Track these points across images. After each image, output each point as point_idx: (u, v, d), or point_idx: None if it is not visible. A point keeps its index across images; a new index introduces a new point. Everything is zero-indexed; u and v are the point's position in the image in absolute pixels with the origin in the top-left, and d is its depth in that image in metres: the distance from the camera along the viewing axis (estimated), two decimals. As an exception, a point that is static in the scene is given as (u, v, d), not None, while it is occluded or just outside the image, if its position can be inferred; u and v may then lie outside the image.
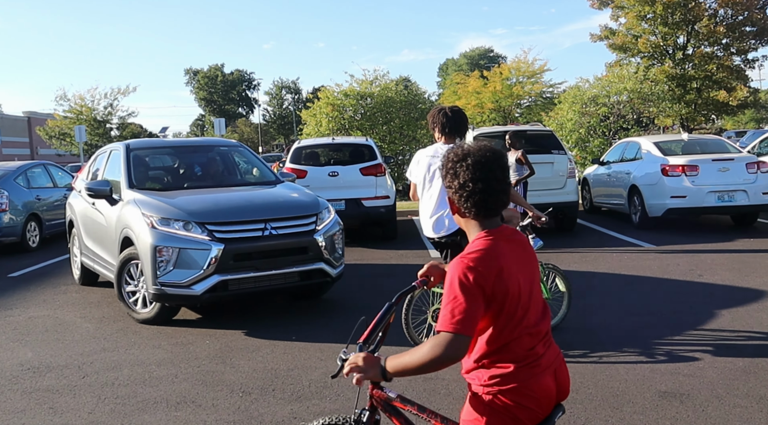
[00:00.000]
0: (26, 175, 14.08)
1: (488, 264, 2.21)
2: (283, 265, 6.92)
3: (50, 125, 40.10)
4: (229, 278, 6.67)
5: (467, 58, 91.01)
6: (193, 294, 6.65)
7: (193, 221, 6.73)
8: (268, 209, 7.17)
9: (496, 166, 2.31)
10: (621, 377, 5.11)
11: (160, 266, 6.65)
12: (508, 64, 32.23)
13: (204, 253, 6.59)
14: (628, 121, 21.54)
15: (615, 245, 11.10)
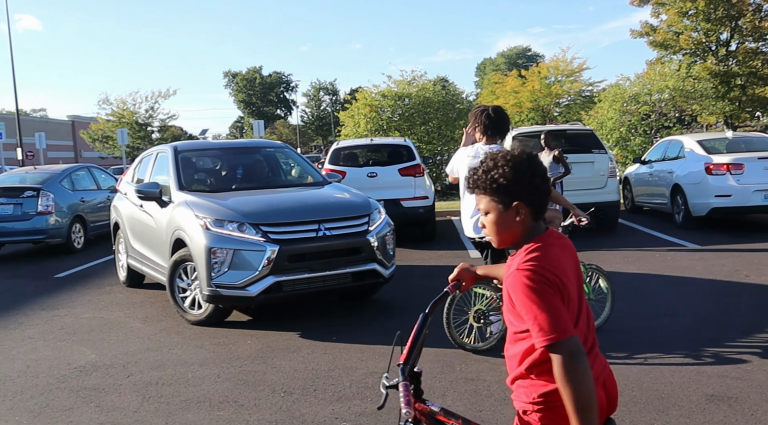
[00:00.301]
0: (71, 178, 14.36)
1: (552, 266, 2.10)
2: (337, 266, 6.92)
3: (93, 129, 40.91)
4: (284, 279, 6.67)
5: (505, 57, 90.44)
6: (248, 295, 6.67)
7: (247, 223, 6.74)
8: (321, 210, 7.17)
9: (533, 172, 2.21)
10: (666, 380, 5.02)
11: (214, 267, 6.66)
12: (546, 63, 31.94)
13: (259, 254, 6.60)
14: (670, 119, 21.17)
15: (658, 245, 10.92)
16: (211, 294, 6.76)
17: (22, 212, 13.01)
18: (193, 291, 7.19)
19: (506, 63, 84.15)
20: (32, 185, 13.39)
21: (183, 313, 7.32)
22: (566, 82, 29.86)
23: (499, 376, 5.22)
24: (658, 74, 22.25)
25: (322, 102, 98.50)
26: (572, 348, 1.99)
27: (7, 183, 14.03)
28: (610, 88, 23.23)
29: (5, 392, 5.43)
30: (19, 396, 5.32)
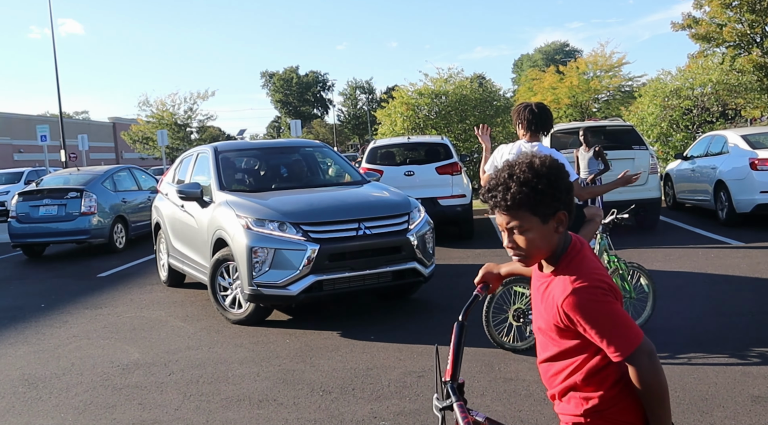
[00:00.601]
0: (113, 179, 14.62)
1: (599, 273, 2.02)
2: (377, 265, 6.91)
3: (134, 130, 41.62)
4: (324, 278, 6.68)
5: (542, 53, 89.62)
6: (289, 295, 6.70)
7: (287, 222, 6.78)
8: (361, 209, 7.17)
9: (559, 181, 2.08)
10: (710, 380, 4.92)
11: (255, 266, 6.70)
12: (584, 58, 31.58)
13: (299, 253, 6.63)
14: (712, 114, 20.75)
15: (700, 243, 10.71)
16: (253, 293, 6.80)
17: (66, 213, 13.29)
18: (234, 290, 7.25)
19: (543, 59, 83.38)
20: (76, 186, 13.66)
21: (224, 312, 7.38)
22: (605, 77, 29.48)
23: (538, 376, 5.16)
24: (701, 68, 21.82)
25: (359, 101, 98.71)
26: (649, 348, 1.98)
27: (51, 185, 14.34)
28: (651, 83, 22.87)
29: (51, 389, 5.55)
30: (65, 393, 5.43)
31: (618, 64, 29.19)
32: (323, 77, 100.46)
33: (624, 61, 29.36)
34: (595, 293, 1.95)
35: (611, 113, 26.91)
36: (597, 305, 1.94)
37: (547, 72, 32.85)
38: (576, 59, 33.27)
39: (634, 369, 1.96)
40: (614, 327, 1.95)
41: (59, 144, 37.57)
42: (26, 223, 13.37)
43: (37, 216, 13.37)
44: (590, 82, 28.82)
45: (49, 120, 56.83)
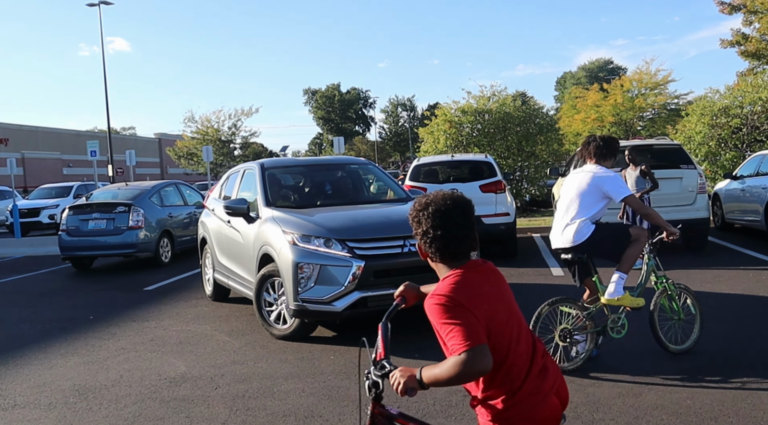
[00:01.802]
0: (160, 194, 14.88)
1: (463, 291, 2.40)
2: (422, 282, 6.88)
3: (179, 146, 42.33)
4: (369, 294, 6.70)
5: (585, 70, 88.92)
6: (334, 310, 6.72)
7: (333, 238, 6.82)
8: (405, 226, 7.12)
9: (457, 213, 2.49)
10: (765, 406, 4.80)
11: (301, 282, 6.75)
12: (629, 76, 31.26)
13: (345, 269, 6.66)
14: (763, 132, 20.30)
15: (751, 265, 10.47)
16: (298, 309, 6.84)
17: (114, 227, 13.55)
18: (280, 306, 7.30)
19: (587, 76, 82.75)
20: (124, 201, 13.94)
21: (269, 327, 7.43)
22: (650, 95, 29.16)
23: (586, 398, 5.10)
24: (750, 85, 21.39)
25: (400, 118, 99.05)
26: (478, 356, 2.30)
27: (101, 199, 14.66)
28: (698, 101, 22.49)
29: (101, 400, 5.64)
30: (114, 404, 5.51)
31: (663, 81, 28.87)
32: (365, 94, 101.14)
33: (670, 78, 29.08)
34: (444, 301, 2.40)
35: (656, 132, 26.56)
36: (442, 310, 2.40)
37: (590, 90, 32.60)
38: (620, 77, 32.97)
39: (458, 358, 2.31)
40: (450, 330, 2.37)
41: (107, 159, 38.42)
42: (76, 236, 13.67)
43: (86, 230, 13.66)
44: (635, 99, 28.52)
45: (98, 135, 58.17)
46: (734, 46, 27.13)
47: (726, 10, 27.00)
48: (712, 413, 4.71)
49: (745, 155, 18.85)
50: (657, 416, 4.70)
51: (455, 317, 2.36)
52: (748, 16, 26.46)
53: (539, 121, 22.34)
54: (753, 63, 26.82)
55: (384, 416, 2.66)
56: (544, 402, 2.45)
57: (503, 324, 2.44)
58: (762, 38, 26.09)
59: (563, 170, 15.67)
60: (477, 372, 2.32)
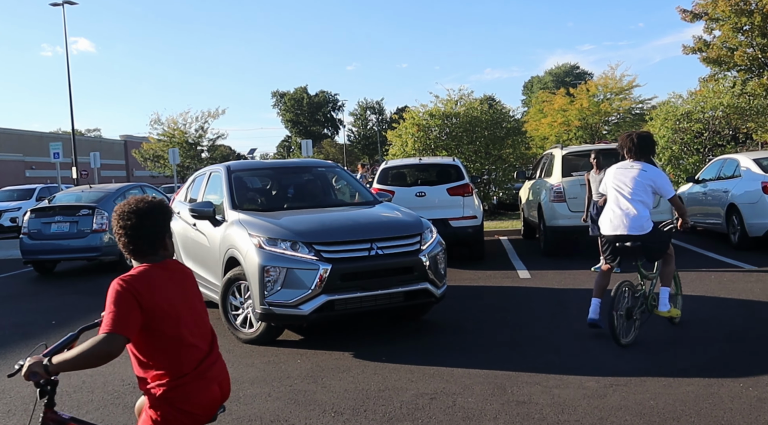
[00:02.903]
0: (125, 196, 14.66)
1: (139, 282, 2.73)
2: (389, 285, 6.89)
3: (145, 148, 41.82)
4: (336, 298, 6.66)
5: (552, 75, 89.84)
6: (301, 314, 6.68)
7: (300, 241, 6.78)
8: (373, 229, 7.16)
9: (151, 216, 2.85)
10: (725, 406, 4.87)
11: (267, 286, 6.70)
12: (594, 81, 31.61)
13: (311, 273, 6.62)
14: (723, 137, 20.69)
15: (713, 267, 10.65)
16: (264, 312, 6.79)
17: (78, 230, 13.35)
18: (246, 310, 7.25)
19: (554, 81, 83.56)
20: (88, 204, 13.74)
21: (235, 331, 7.37)
22: (615, 99, 29.47)
23: (552, 399, 5.14)
24: (712, 91, 21.80)
25: (369, 121, 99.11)
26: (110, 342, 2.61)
27: (63, 202, 14.43)
28: (662, 106, 22.86)
29: (62, 406, 5.53)
30: (76, 411, 5.42)
31: (628, 86, 29.20)
32: (333, 97, 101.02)
33: (634, 83, 29.36)
34: (119, 285, 2.71)
35: (622, 136, 26.87)
36: (113, 292, 2.70)
37: (557, 94, 32.90)
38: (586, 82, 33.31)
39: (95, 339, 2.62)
40: (109, 311, 2.67)
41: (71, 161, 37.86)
42: (38, 239, 13.44)
43: (48, 233, 13.44)
44: (600, 104, 28.82)
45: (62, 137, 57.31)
46: (696, 53, 27.64)
47: (688, 18, 27.50)
48: (675, 413, 4.77)
49: (706, 159, 19.20)
50: (621, 417, 4.75)
51: (117, 303, 2.67)
52: (710, 23, 26.99)
53: (506, 125, 22.50)
54: (714, 69, 27.34)
55: (55, 421, 2.89)
56: (206, 389, 2.84)
57: (177, 318, 2.81)
58: (722, 45, 26.62)
59: (530, 174, 15.81)
60: (104, 354, 2.60)
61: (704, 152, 20.48)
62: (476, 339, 7.14)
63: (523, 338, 7.06)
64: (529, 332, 7.30)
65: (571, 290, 9.40)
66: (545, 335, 7.14)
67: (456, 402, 5.18)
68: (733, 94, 21.27)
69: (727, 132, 20.79)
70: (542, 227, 12.87)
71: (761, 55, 26.32)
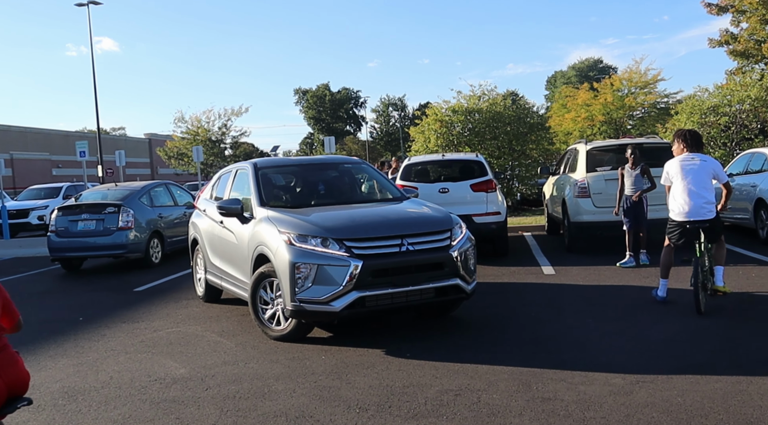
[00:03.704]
0: (150, 194, 14.82)
1: None
2: (420, 281, 6.84)
3: (169, 146, 42.14)
4: (367, 294, 6.62)
5: (576, 70, 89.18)
6: (332, 311, 6.63)
7: (330, 238, 6.74)
8: (403, 225, 7.11)
9: None
10: (755, 402, 4.81)
11: (298, 282, 6.67)
12: (618, 75, 31.35)
13: (343, 269, 6.58)
14: (751, 130, 20.41)
15: (741, 262, 10.52)
16: (295, 309, 6.77)
17: (104, 228, 13.50)
18: (275, 307, 7.25)
19: (577, 76, 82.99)
20: (113, 202, 13.88)
21: (264, 328, 7.38)
22: (640, 94, 29.25)
23: (577, 396, 5.10)
24: (739, 84, 21.50)
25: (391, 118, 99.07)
26: None
27: (90, 200, 14.60)
28: (687, 100, 22.59)
29: (90, 402, 5.61)
30: (104, 406, 5.48)
31: (653, 80, 28.96)
32: (356, 94, 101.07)
33: (659, 77, 29.16)
34: None
35: (646, 130, 26.63)
36: None
37: (581, 89, 32.69)
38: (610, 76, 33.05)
39: None
40: None
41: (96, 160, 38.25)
42: (65, 237, 13.61)
43: (75, 231, 13.60)
44: (625, 98, 28.60)
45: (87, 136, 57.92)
46: (723, 46, 27.26)
47: (714, 11, 27.13)
48: (703, 410, 4.72)
49: (734, 154, 18.95)
50: (648, 414, 4.70)
51: None
52: (737, 16, 26.60)
53: (530, 120, 22.37)
54: (741, 62, 26.96)
55: None
56: None
57: None
58: (750, 38, 26.23)
59: (553, 169, 15.71)
60: None
61: (731, 145, 20.23)
62: (500, 335, 7.11)
63: (547, 334, 7.02)
64: (554, 328, 7.26)
65: (596, 286, 9.33)
66: (570, 331, 7.09)
67: (481, 399, 5.16)
68: (761, 87, 20.95)
69: (755, 125, 20.49)
70: (566, 222, 12.79)
71: (789, 47, 25.88)
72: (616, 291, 8.97)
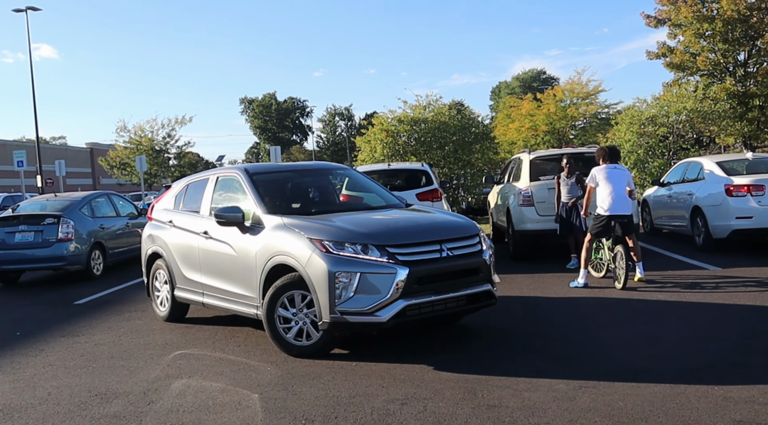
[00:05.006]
0: (91, 205, 14.49)
1: None
2: (458, 288, 6.64)
3: (111, 156, 41.39)
4: (413, 302, 6.32)
5: (520, 80, 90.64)
6: (378, 321, 6.28)
7: (370, 244, 6.40)
8: (439, 230, 6.88)
9: None
10: (692, 405, 4.94)
11: (338, 293, 6.28)
12: (561, 86, 31.97)
13: (388, 277, 6.25)
14: (687, 141, 21.08)
15: (678, 268, 10.81)
16: (335, 321, 6.33)
17: (43, 240, 13.15)
18: (301, 321, 6.76)
19: (521, 86, 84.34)
20: (53, 213, 13.53)
21: (285, 344, 6.84)
22: (582, 104, 29.86)
23: (522, 402, 5.17)
24: (675, 96, 22.19)
25: (338, 127, 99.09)
26: None
27: (28, 211, 14.20)
28: (627, 111, 23.19)
29: (27, 419, 5.44)
30: (41, 423, 5.32)
31: (594, 91, 29.61)
32: (302, 103, 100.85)
33: (600, 88, 29.83)
34: None
35: (588, 140, 27.21)
36: None
37: (524, 99, 33.22)
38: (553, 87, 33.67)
39: None
40: None
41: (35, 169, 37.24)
42: (1, 250, 13.20)
43: (13, 243, 13.20)
44: (567, 109, 29.16)
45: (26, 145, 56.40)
46: (660, 58, 28.07)
47: (652, 24, 27.92)
48: (643, 413, 4.82)
49: (671, 163, 19.51)
50: (591, 418, 4.79)
51: None
52: (673, 29, 27.42)
53: (475, 130, 22.67)
54: (678, 74, 27.79)
55: None
56: None
57: None
58: (685, 51, 27.07)
59: (498, 178, 15.92)
60: None
61: (669, 155, 20.83)
62: (444, 343, 7.15)
63: (491, 342, 7.10)
64: (498, 336, 7.34)
65: (540, 293, 9.47)
66: (514, 338, 7.18)
67: (427, 407, 5.18)
68: (696, 98, 21.66)
69: (691, 136, 21.17)
70: (511, 231, 12.96)
71: (723, 60, 26.83)
72: (560, 298, 9.13)
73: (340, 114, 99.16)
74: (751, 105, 26.44)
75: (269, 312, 6.85)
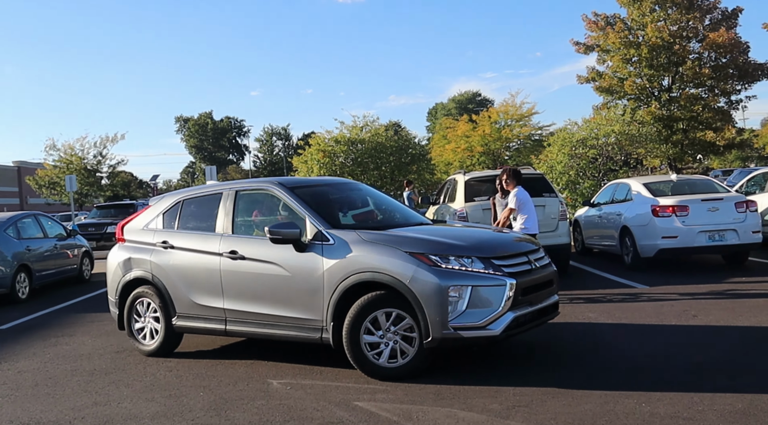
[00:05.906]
0: (16, 226, 14.03)
1: None
2: (543, 299, 6.72)
3: (40, 175, 40.23)
4: (519, 314, 6.30)
5: (456, 102, 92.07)
6: (492, 335, 6.14)
7: (474, 256, 6.31)
8: (519, 243, 7.01)
9: None
10: (621, 421, 5.05)
11: (450, 308, 6.07)
12: (496, 108, 32.61)
13: (499, 289, 6.17)
14: (616, 162, 21.74)
15: (608, 287, 11.09)
16: (447, 338, 6.10)
17: (-36, 262, 12.62)
18: (391, 341, 6.40)
19: (457, 108, 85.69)
20: (-25, 234, 13.02)
21: (371, 367, 6.45)
22: (516, 126, 30.50)
23: (456, 423, 5.20)
24: (605, 119, 22.89)
25: (275, 147, 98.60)
26: None
27: (-51, 232, 13.62)
28: (559, 133, 23.80)
29: (-57, 453, 5.20)
30: (-41, 456, 5.10)
31: (528, 113, 30.30)
32: (239, 123, 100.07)
33: (534, 110, 30.55)
34: None
35: (522, 161, 27.78)
36: None
37: (460, 121, 33.74)
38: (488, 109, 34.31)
39: None
40: None
41: (-42, 189, 35.84)
42: None
43: (-68, 266, 12.64)
44: (502, 130, 29.73)
45: (-52, 164, 54.26)
46: (590, 82, 28.95)
47: (581, 50, 28.81)
48: None
49: (601, 184, 20.07)
50: (522, 437, 4.84)
51: None
52: (602, 54, 28.36)
53: (411, 150, 22.91)
54: (607, 98, 28.72)
55: None
56: None
57: None
58: (614, 75, 28.01)
59: (434, 199, 16.07)
60: None
61: (599, 176, 21.42)
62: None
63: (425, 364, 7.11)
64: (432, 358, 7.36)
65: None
66: (446, 360, 7.22)
67: (361, 430, 5.16)
68: (624, 121, 22.39)
69: (620, 157, 21.85)
70: (447, 251, 13.04)
71: (648, 85, 27.86)
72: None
73: (278, 134, 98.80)
74: (675, 128, 27.51)
75: (352, 337, 6.44)
